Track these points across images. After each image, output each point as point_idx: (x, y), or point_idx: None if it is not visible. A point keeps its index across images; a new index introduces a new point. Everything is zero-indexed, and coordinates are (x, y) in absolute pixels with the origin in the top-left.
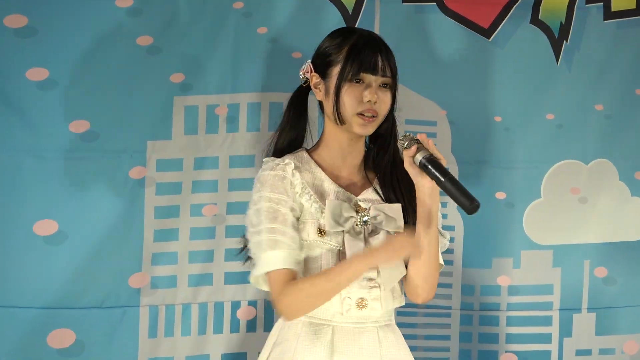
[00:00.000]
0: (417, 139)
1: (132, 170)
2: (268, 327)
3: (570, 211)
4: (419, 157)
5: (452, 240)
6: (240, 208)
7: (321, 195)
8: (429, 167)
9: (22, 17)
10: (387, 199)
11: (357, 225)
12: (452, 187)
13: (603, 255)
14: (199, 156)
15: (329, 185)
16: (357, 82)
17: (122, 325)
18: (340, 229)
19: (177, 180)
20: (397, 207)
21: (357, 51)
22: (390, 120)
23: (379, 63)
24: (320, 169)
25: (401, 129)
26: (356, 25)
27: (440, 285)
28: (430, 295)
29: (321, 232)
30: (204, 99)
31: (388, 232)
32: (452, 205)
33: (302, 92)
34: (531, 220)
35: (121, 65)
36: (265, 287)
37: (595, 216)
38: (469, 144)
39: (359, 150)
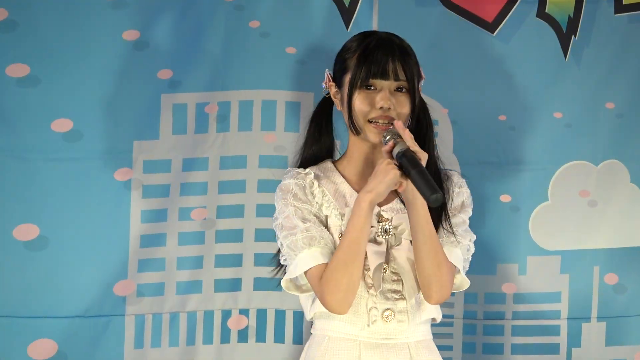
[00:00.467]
0: (398, 133)
1: (117, 172)
2: (260, 337)
3: (579, 215)
4: (395, 150)
5: None
6: (231, 212)
7: (343, 204)
8: (402, 160)
9: (1, 10)
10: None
11: (378, 235)
12: (418, 179)
13: (613, 262)
14: (188, 157)
15: (351, 197)
16: (368, 89)
17: (107, 335)
18: None
19: (164, 183)
20: None
21: (367, 55)
22: (421, 123)
23: (390, 67)
24: (343, 180)
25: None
26: (353, 18)
27: None
28: (442, 295)
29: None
30: (193, 97)
31: (410, 242)
32: None
33: (325, 104)
34: (538, 224)
35: (106, 61)
36: (296, 292)
37: (605, 220)
38: (472, 144)
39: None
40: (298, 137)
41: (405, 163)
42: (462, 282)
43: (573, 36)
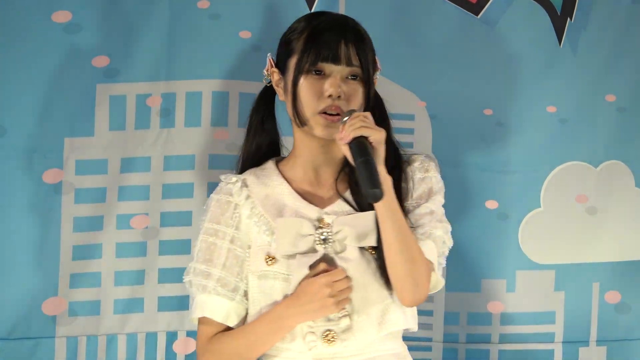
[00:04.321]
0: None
1: (46, 174)
2: None
3: (576, 224)
4: (346, 134)
5: None
6: (177, 219)
7: (278, 214)
8: (351, 148)
9: None
10: (361, 208)
11: (317, 244)
12: (361, 170)
13: (615, 277)
14: (127, 156)
15: (290, 201)
16: (317, 74)
17: (34, 359)
18: (294, 250)
19: (100, 186)
20: (368, 216)
21: (316, 36)
22: (375, 119)
23: (342, 50)
24: (284, 182)
25: None
26: (315, 2)
27: (418, 312)
28: (418, 295)
29: (270, 259)
30: (132, 87)
31: (364, 248)
32: None
33: (267, 94)
34: (529, 234)
35: (33, 46)
36: None
37: (606, 230)
38: (454, 142)
39: (334, 155)
40: None
41: (354, 150)
42: (437, 281)
43: (569, 19)
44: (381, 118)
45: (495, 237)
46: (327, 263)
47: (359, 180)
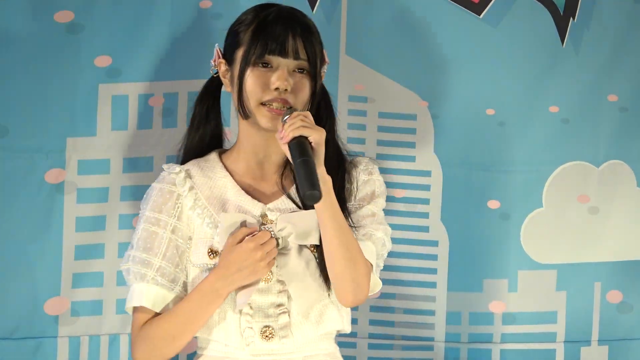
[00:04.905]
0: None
1: (48, 173)
2: None
3: (578, 223)
4: (286, 134)
5: (435, 258)
6: None
7: (221, 207)
8: (290, 148)
9: None
10: (305, 206)
11: None
12: (299, 170)
13: (617, 277)
14: (129, 156)
15: (233, 195)
16: (264, 67)
17: (37, 359)
18: None
19: (102, 186)
20: (311, 214)
21: (264, 28)
22: (321, 114)
23: (290, 43)
24: (227, 175)
25: (374, 123)
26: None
27: (420, 312)
28: (358, 296)
29: (212, 253)
30: (135, 87)
31: (306, 247)
32: (435, 217)
33: (212, 84)
34: (530, 234)
35: (36, 46)
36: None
37: (607, 229)
38: (456, 142)
39: (279, 150)
40: None
41: (293, 150)
42: (375, 283)
43: (571, 18)
44: (327, 113)
45: (497, 236)
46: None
47: (297, 180)
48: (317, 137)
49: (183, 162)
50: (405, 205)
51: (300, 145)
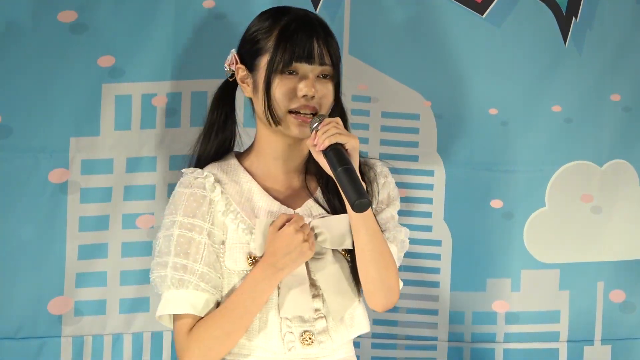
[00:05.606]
0: (324, 119)
1: (52, 173)
2: None
3: (581, 223)
4: (320, 141)
5: (438, 257)
6: None
7: (251, 211)
8: (328, 155)
9: None
10: (333, 210)
11: None
12: (344, 179)
13: (620, 276)
14: (133, 156)
15: (261, 199)
16: (290, 74)
17: (40, 359)
18: None
19: (106, 185)
20: (343, 218)
21: (289, 36)
22: (337, 116)
23: (315, 49)
24: (251, 179)
25: (377, 123)
26: (321, 1)
27: (423, 312)
28: (391, 299)
29: (252, 259)
30: (138, 87)
31: (338, 251)
32: (438, 216)
33: (227, 88)
34: (533, 233)
35: (39, 46)
36: (172, 326)
37: (610, 229)
38: (459, 141)
39: (300, 155)
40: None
41: (331, 158)
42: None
43: (574, 18)
44: (340, 115)
45: (500, 236)
46: (308, 267)
47: (342, 189)
48: (353, 143)
49: (201, 167)
50: (408, 204)
51: (338, 153)
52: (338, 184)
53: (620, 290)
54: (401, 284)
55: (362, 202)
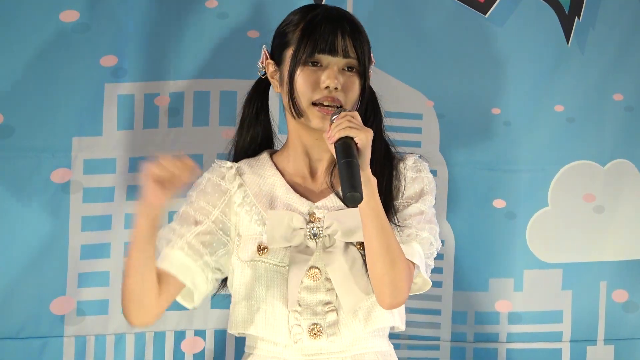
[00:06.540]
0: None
1: (54, 173)
2: None
3: (583, 222)
4: (333, 133)
5: (441, 257)
6: None
7: (270, 204)
8: (336, 148)
9: None
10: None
11: (308, 238)
12: (342, 171)
13: (623, 276)
14: (135, 156)
15: (282, 192)
16: (313, 66)
17: (43, 359)
18: (287, 244)
19: (108, 185)
20: (356, 211)
21: (313, 28)
22: (365, 109)
23: (339, 41)
24: (277, 173)
25: None
26: (323, 1)
27: (426, 311)
28: (397, 299)
29: (262, 249)
30: (141, 87)
31: (352, 244)
32: (440, 216)
33: (260, 85)
34: (536, 233)
35: (41, 45)
36: (184, 303)
37: (613, 229)
38: (461, 141)
39: (327, 148)
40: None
41: (338, 150)
42: (424, 283)
43: (577, 17)
44: (374, 112)
45: (503, 236)
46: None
47: (340, 181)
48: (363, 137)
49: (234, 161)
50: None
51: (345, 146)
52: (339, 177)
53: (623, 290)
54: (429, 283)
55: (354, 195)
